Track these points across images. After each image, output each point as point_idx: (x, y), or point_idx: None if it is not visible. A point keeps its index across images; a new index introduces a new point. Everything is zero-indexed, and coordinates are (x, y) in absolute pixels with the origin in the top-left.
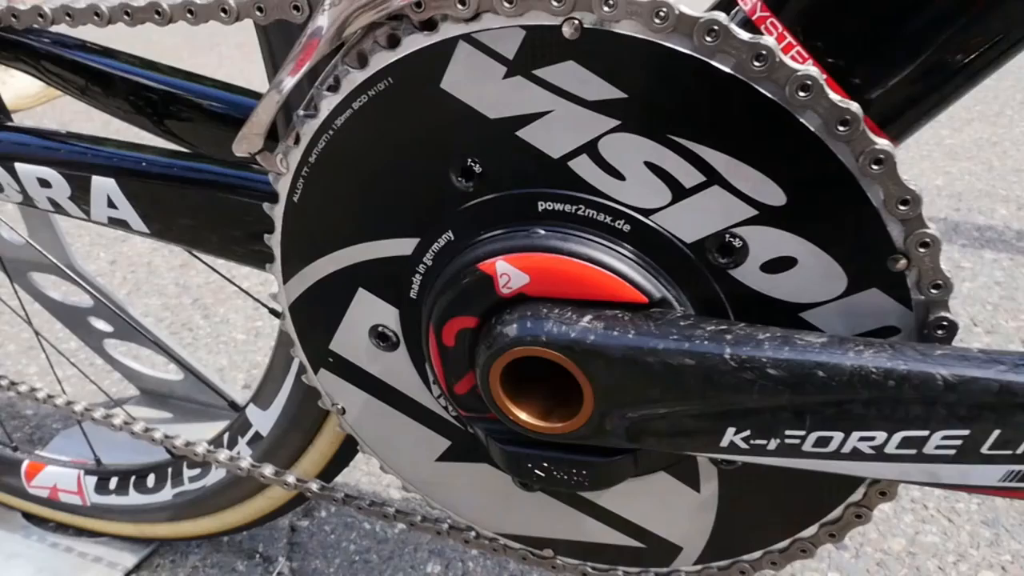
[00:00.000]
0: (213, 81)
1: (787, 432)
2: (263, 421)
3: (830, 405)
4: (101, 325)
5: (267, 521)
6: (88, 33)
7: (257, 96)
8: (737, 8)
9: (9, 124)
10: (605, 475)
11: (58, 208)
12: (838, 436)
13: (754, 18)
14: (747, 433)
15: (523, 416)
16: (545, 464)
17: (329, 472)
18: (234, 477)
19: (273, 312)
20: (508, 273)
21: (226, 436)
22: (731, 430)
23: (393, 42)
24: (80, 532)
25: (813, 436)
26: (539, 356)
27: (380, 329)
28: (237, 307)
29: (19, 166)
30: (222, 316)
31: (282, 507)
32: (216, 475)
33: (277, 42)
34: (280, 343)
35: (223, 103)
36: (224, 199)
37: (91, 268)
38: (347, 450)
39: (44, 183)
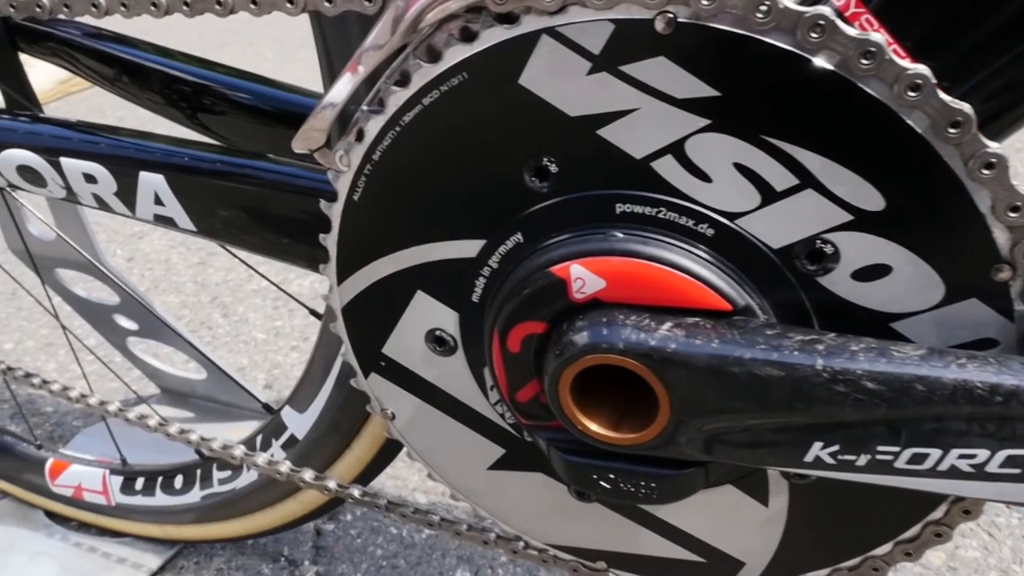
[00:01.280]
0: (245, 73)
1: (880, 448)
2: (299, 424)
3: (929, 420)
4: (126, 323)
5: (297, 525)
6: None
7: (290, 90)
8: (827, 4)
9: (53, 117)
10: (675, 488)
11: (102, 204)
12: (935, 453)
13: (847, 14)
14: (835, 448)
15: (593, 427)
16: (611, 476)
17: (365, 477)
18: (266, 480)
19: (314, 313)
20: (583, 277)
21: (259, 438)
22: (818, 444)
23: (469, 35)
24: (102, 532)
25: (908, 452)
26: (613, 364)
27: (437, 333)
28: (256, 306)
29: (64, 160)
30: (241, 315)
31: (314, 511)
32: (247, 478)
33: (333, 37)
34: (321, 345)
35: (255, 96)
36: (277, 197)
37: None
38: (385, 455)
39: (90, 178)
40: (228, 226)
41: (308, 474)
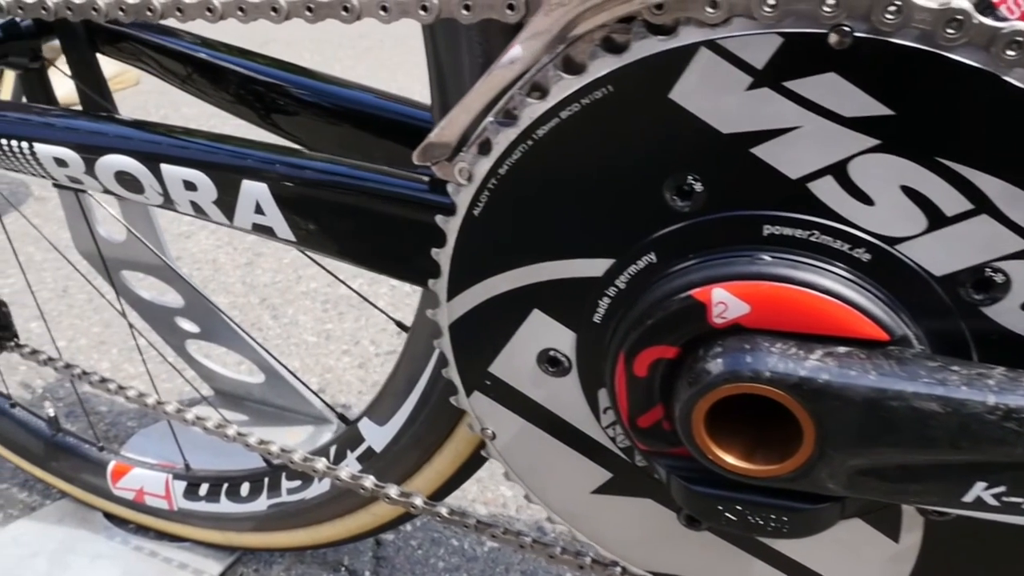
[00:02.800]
0: (316, 74)
1: None
2: (378, 436)
3: None
4: (187, 325)
5: (366, 537)
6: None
7: (360, 89)
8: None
9: (150, 122)
10: (809, 522)
11: (199, 211)
12: None
13: None
14: (1001, 489)
15: (729, 459)
16: (739, 508)
17: (440, 493)
18: (338, 491)
19: (400, 326)
20: (725, 302)
21: (332, 449)
22: (981, 484)
23: (616, 47)
24: (161, 535)
25: None
26: (752, 394)
27: (551, 353)
28: (305, 308)
29: (165, 167)
30: (291, 317)
31: (386, 524)
32: (318, 488)
33: (443, 45)
34: (406, 358)
35: (325, 95)
36: (385, 209)
37: None
38: (466, 471)
39: (190, 186)
40: (330, 238)
41: (393, 490)
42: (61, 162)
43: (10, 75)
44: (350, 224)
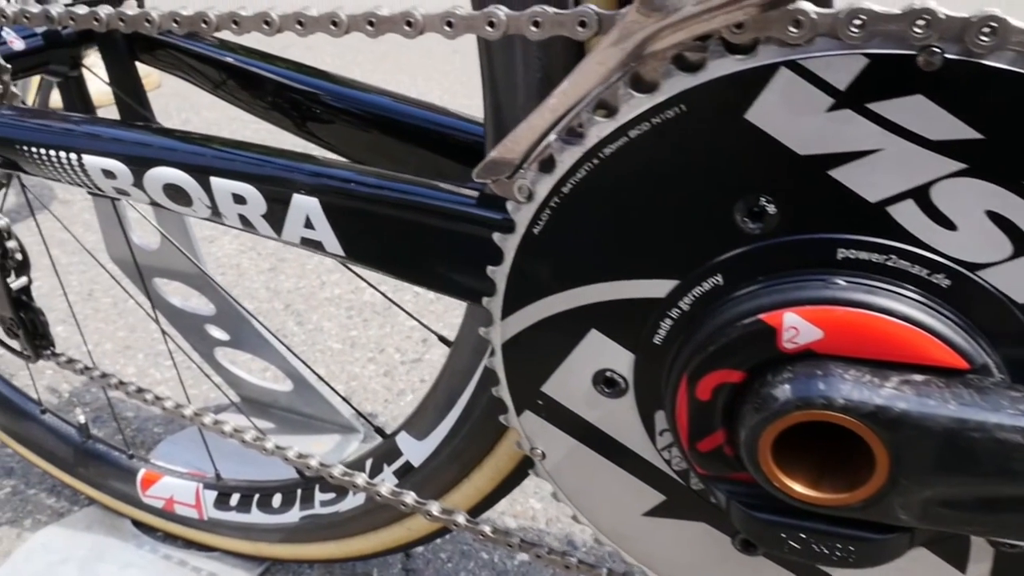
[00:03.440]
0: (352, 82)
1: None
2: (416, 451)
3: None
4: (218, 333)
5: (398, 551)
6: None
7: (397, 99)
8: None
9: (198, 134)
10: (876, 553)
11: (246, 225)
12: None
13: None
14: None
15: (797, 487)
16: (803, 536)
17: (478, 509)
18: (373, 505)
19: (443, 340)
20: (797, 327)
21: (368, 462)
22: None
23: (690, 65)
24: (189, 544)
25: None
26: (822, 421)
27: (608, 374)
28: (330, 314)
29: (215, 180)
30: (315, 323)
31: (420, 539)
32: (352, 501)
33: (500, 60)
34: (448, 373)
35: (362, 104)
36: (439, 225)
37: None
38: (504, 488)
39: (239, 199)
40: (381, 254)
41: (435, 507)
42: (109, 174)
43: (34, 81)
44: (400, 239)
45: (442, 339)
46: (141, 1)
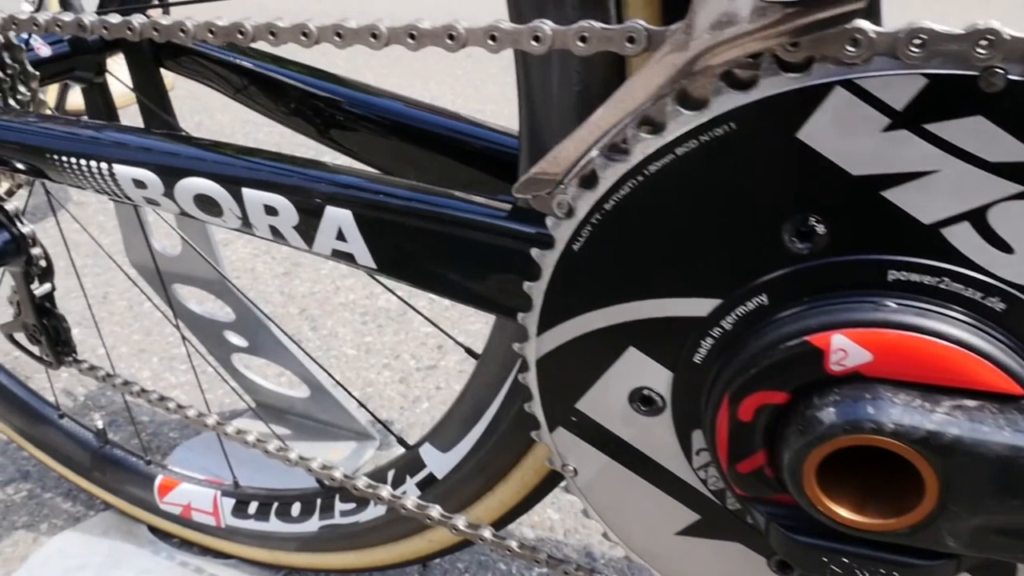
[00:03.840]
0: (375, 90)
1: None
2: (440, 463)
3: None
4: (236, 340)
5: (418, 563)
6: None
7: (418, 106)
8: None
9: (229, 144)
10: None
11: (277, 236)
12: None
13: None
14: None
15: (843, 512)
16: (845, 560)
17: (502, 523)
18: (394, 516)
19: (470, 352)
20: (845, 349)
21: (390, 473)
22: None
23: (741, 83)
24: (206, 551)
25: None
26: (870, 446)
27: (645, 392)
28: (345, 320)
29: (247, 192)
30: (330, 329)
31: (442, 551)
32: (373, 512)
33: (538, 74)
34: (474, 385)
35: (384, 111)
36: (473, 238)
37: None
38: (529, 501)
39: (271, 211)
40: (415, 267)
41: (461, 520)
42: (140, 184)
43: (53, 87)
44: (433, 252)
45: (469, 352)
46: (167, 8)
